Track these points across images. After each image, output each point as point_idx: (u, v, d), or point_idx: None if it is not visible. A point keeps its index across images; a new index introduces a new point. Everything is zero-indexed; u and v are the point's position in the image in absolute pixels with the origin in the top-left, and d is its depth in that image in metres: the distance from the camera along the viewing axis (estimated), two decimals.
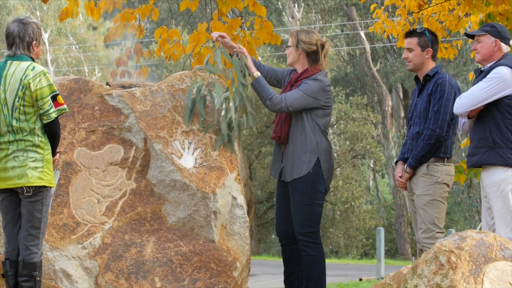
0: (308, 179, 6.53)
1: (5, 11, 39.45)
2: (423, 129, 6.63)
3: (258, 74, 6.61)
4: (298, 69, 6.74)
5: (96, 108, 6.63)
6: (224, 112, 6.42)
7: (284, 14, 36.13)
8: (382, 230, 18.35)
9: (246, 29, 8.98)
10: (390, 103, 32.50)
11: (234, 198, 6.50)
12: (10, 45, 5.82)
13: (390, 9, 21.29)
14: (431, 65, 6.80)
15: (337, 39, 37.41)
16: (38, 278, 5.74)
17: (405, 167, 6.71)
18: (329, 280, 8.32)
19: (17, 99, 5.73)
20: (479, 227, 22.86)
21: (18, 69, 5.75)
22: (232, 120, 6.42)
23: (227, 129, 6.43)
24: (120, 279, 6.29)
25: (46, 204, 5.79)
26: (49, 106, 5.74)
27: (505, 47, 6.45)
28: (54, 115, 5.77)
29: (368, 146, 31.57)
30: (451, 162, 6.72)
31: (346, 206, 30.78)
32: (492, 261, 5.18)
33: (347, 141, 32.15)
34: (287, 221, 6.68)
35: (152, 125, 6.51)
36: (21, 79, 5.72)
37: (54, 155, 5.88)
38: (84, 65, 41.66)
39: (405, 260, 28.09)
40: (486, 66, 6.44)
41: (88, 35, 42.81)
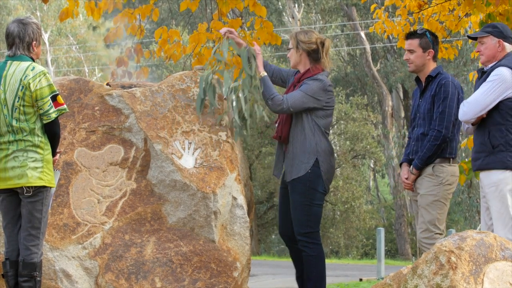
0: (306, 179, 6.53)
1: (5, 11, 39.45)
2: (428, 130, 6.61)
3: (265, 74, 6.61)
4: (300, 70, 6.74)
5: (96, 108, 6.63)
6: (235, 102, 6.41)
7: (284, 14, 36.12)
8: (382, 230, 18.36)
9: (246, 29, 8.97)
10: (390, 103, 32.49)
11: (234, 198, 6.50)
12: (10, 45, 5.82)
13: (390, 9, 21.29)
14: (432, 66, 6.79)
15: (337, 39, 37.40)
16: (38, 278, 5.73)
17: (410, 168, 6.70)
18: (329, 280, 8.32)
19: (17, 99, 5.72)
20: (479, 227, 22.85)
21: (18, 69, 5.75)
22: (243, 111, 6.42)
23: (239, 120, 6.43)
24: (120, 279, 6.29)
25: (46, 204, 5.79)
26: (49, 106, 5.74)
27: (508, 47, 6.41)
28: (54, 115, 5.76)
29: (368, 146, 31.58)
30: (456, 162, 6.71)
31: (346, 206, 30.79)
32: (492, 261, 5.18)
33: (347, 141, 32.16)
34: (288, 221, 6.68)
35: (152, 125, 6.51)
36: (21, 79, 5.71)
37: (54, 155, 5.87)
38: (84, 65, 41.66)
39: (405, 260, 28.08)
40: (489, 67, 6.43)
41: (88, 35, 42.81)
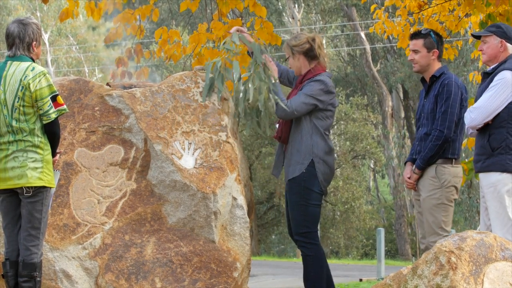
0: (301, 179, 6.54)
1: (5, 12, 39.47)
2: (430, 130, 6.62)
3: (277, 81, 6.62)
4: (303, 73, 6.75)
5: (96, 108, 6.62)
6: (242, 94, 6.39)
7: (284, 14, 36.13)
8: (382, 231, 18.37)
9: (246, 29, 8.96)
10: (390, 103, 32.49)
11: (234, 199, 6.50)
12: (10, 45, 5.82)
13: (391, 10, 21.30)
14: (437, 66, 6.78)
15: (338, 40, 37.42)
16: (38, 279, 5.73)
17: (413, 168, 6.70)
18: None
19: (16, 99, 5.72)
20: (479, 228, 22.85)
21: (18, 69, 5.75)
22: (255, 102, 6.40)
23: (248, 110, 6.41)
24: (120, 280, 6.29)
25: (46, 204, 5.79)
26: (48, 106, 5.74)
27: (510, 47, 6.42)
28: (54, 115, 5.76)
29: (368, 147, 31.60)
30: (459, 163, 6.69)
31: (346, 207, 30.80)
32: (492, 261, 5.18)
33: (347, 142, 32.18)
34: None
35: (152, 125, 6.51)
36: (21, 80, 5.71)
37: (54, 155, 5.87)
38: (84, 65, 41.67)
39: (405, 260, 28.09)
40: (491, 68, 6.43)
41: (88, 35, 42.83)
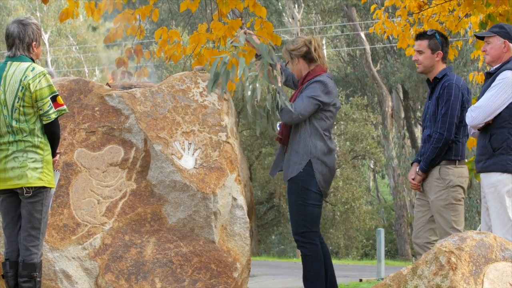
0: (299, 179, 6.56)
1: (5, 12, 39.47)
2: (432, 132, 6.64)
3: (281, 83, 6.62)
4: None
5: (96, 108, 6.63)
6: (250, 92, 6.37)
7: (284, 15, 36.13)
8: (382, 231, 18.35)
9: (246, 29, 8.96)
10: (390, 103, 32.49)
11: (234, 199, 6.50)
12: (10, 46, 5.82)
13: (390, 10, 21.31)
14: (441, 67, 6.78)
15: (337, 40, 37.42)
16: (38, 279, 5.73)
17: (417, 169, 6.72)
18: None
19: (16, 99, 5.72)
20: (479, 228, 22.83)
21: (18, 70, 5.75)
22: (263, 102, 6.40)
23: (258, 111, 6.40)
24: (120, 280, 6.29)
25: (46, 204, 5.79)
26: (48, 106, 5.74)
27: None
28: (54, 115, 5.76)
29: (368, 147, 31.58)
30: (463, 163, 6.69)
31: (346, 207, 30.79)
32: (492, 261, 5.18)
33: (347, 142, 32.16)
34: None
35: (152, 125, 6.51)
36: (21, 80, 5.72)
37: (54, 155, 5.88)
38: (84, 65, 41.67)
39: (405, 260, 28.08)
40: (494, 68, 6.43)
41: (88, 35, 42.82)
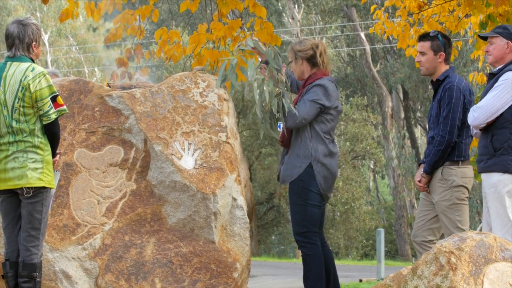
0: (299, 179, 6.56)
1: (5, 12, 39.47)
2: (435, 135, 6.65)
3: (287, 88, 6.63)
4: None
5: (96, 109, 6.63)
6: (258, 97, 6.36)
7: (284, 15, 36.12)
8: (382, 231, 18.35)
9: (246, 30, 8.97)
10: (390, 104, 32.48)
11: (234, 199, 6.50)
12: (10, 46, 5.82)
13: (390, 10, 21.31)
14: (444, 68, 6.76)
15: (337, 40, 37.42)
16: (38, 279, 5.73)
17: (422, 171, 6.74)
18: None
19: (16, 100, 5.72)
20: (479, 228, 22.84)
21: (17, 70, 5.75)
22: (269, 105, 6.40)
23: (263, 114, 6.40)
24: (120, 280, 6.29)
25: (46, 205, 5.79)
26: (48, 107, 5.74)
27: None
28: (54, 116, 5.76)
29: (368, 147, 31.60)
30: (467, 164, 6.69)
31: (346, 207, 30.80)
32: (492, 262, 5.18)
33: (347, 142, 32.17)
34: None
35: (152, 126, 6.51)
36: (21, 80, 5.72)
37: (54, 156, 5.88)
38: (84, 66, 41.67)
39: (405, 261, 28.08)
40: (497, 69, 6.43)
41: (88, 36, 42.82)
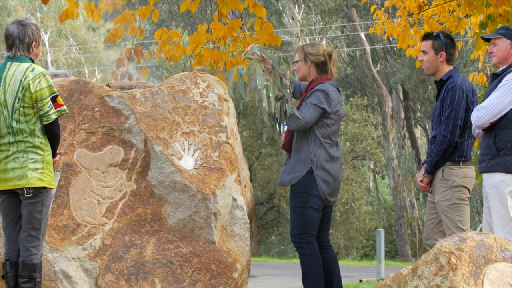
0: (300, 182, 6.56)
1: (5, 12, 39.46)
2: (437, 134, 6.65)
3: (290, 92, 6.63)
4: (308, 82, 6.75)
5: (96, 109, 6.63)
6: (264, 103, 6.35)
7: (284, 15, 36.12)
8: (382, 231, 18.35)
9: (246, 30, 8.98)
10: (390, 104, 32.48)
11: (234, 200, 6.51)
12: (9, 46, 5.82)
13: (390, 11, 21.32)
14: (446, 69, 6.76)
15: (337, 41, 37.42)
16: (38, 279, 5.73)
17: (423, 171, 6.74)
18: None
19: (17, 100, 5.72)
20: (479, 228, 22.85)
21: (17, 70, 5.75)
22: (273, 110, 6.39)
23: (269, 119, 6.39)
24: (120, 280, 6.29)
25: (46, 205, 5.79)
26: (49, 107, 5.74)
27: None
28: (54, 116, 5.77)
29: (368, 148, 31.60)
30: (468, 164, 6.68)
31: (346, 207, 30.79)
32: (492, 262, 5.18)
33: (347, 142, 32.17)
34: None
35: (152, 126, 6.51)
36: (21, 81, 5.72)
37: (54, 156, 5.88)
38: (84, 66, 41.67)
39: (405, 261, 28.08)
40: (500, 69, 6.44)
41: (88, 36, 42.82)
